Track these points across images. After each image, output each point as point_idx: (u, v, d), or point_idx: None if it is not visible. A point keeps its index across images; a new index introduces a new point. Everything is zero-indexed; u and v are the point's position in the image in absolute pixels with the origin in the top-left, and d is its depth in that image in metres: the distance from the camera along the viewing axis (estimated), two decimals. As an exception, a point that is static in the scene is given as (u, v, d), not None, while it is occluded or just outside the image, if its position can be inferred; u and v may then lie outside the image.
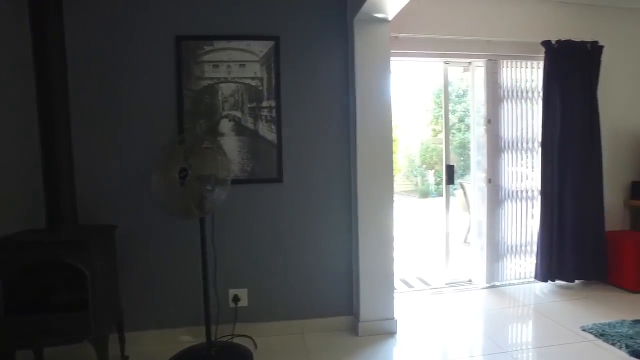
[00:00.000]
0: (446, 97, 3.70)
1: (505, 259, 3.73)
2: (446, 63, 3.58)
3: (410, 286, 3.83)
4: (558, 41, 3.47)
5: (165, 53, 2.66)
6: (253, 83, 2.72)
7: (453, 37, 3.38)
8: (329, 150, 2.89)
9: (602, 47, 3.56)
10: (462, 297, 3.51)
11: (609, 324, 2.81)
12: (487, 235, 3.71)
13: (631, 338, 2.62)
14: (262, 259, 2.83)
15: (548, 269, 3.57)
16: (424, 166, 13.23)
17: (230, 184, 2.33)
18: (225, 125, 2.71)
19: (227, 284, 2.78)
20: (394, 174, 2.93)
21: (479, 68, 3.66)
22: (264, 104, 2.74)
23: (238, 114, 2.72)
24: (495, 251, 3.70)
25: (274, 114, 2.76)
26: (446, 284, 3.74)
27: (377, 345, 2.69)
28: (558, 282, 3.64)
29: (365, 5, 2.43)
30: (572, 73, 3.51)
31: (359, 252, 2.82)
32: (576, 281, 3.64)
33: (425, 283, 3.91)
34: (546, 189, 3.56)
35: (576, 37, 3.52)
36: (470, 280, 3.80)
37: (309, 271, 2.90)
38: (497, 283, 3.70)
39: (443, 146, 3.86)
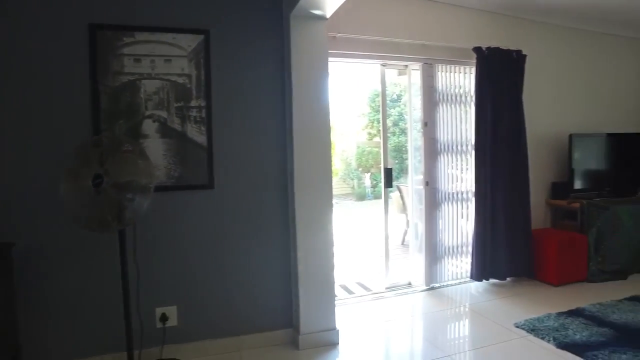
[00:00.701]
0: (383, 100, 3.68)
1: (443, 260, 3.78)
2: (383, 65, 3.56)
3: (350, 292, 3.75)
4: (488, 48, 3.60)
5: (77, 44, 2.33)
6: (180, 80, 2.48)
7: (390, 40, 3.37)
8: (264, 153, 2.71)
9: (525, 56, 3.75)
10: (403, 301, 3.50)
11: (538, 319, 2.92)
12: (425, 238, 3.74)
13: (557, 331, 2.74)
14: (193, 272, 2.58)
15: (482, 269, 3.67)
16: (360, 169, 13.45)
17: (155, 192, 2.08)
18: (149, 127, 2.44)
19: (153, 302, 2.49)
20: (332, 177, 2.83)
21: (415, 71, 3.68)
22: (193, 103, 2.51)
23: (163, 114, 2.46)
24: (434, 253, 3.74)
25: (203, 115, 2.53)
26: (386, 288, 3.71)
27: (319, 358, 2.56)
28: (492, 280, 3.76)
29: (302, 1, 2.30)
30: (500, 79, 3.66)
31: (297, 260, 2.68)
32: (507, 279, 3.79)
33: (366, 288, 3.86)
34: (480, 191, 3.66)
35: (504, 45, 3.67)
36: (409, 283, 3.81)
37: (244, 284, 2.70)
38: (436, 285, 3.74)
39: (381, 149, 3.84)
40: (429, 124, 3.69)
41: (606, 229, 3.83)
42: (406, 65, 3.67)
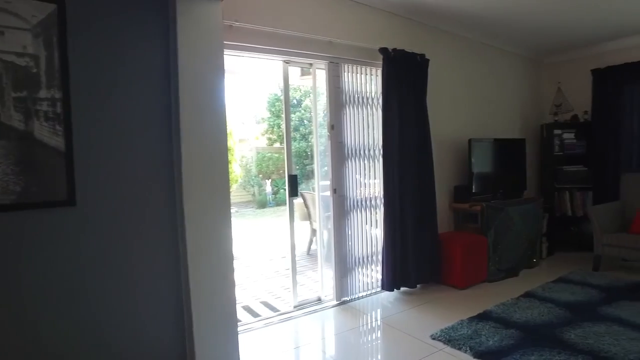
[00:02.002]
0: (287, 100, 3.35)
1: (353, 271, 3.58)
2: (286, 63, 3.24)
3: (255, 315, 3.34)
4: (394, 50, 3.50)
5: None
6: (21, 62, 1.84)
7: (294, 34, 3.06)
8: (145, 159, 2.18)
9: (428, 60, 3.75)
10: (313, 320, 3.20)
11: (452, 328, 2.85)
12: (334, 249, 3.50)
13: (472, 339, 2.68)
14: (51, 315, 1.94)
15: (393, 278, 3.54)
16: (260, 176, 13.02)
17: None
18: (-30, 124, 1.76)
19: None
20: (230, 184, 2.41)
21: (320, 71, 3.43)
22: (43, 94, 1.89)
23: (-6, 106, 1.80)
24: (343, 265, 3.51)
25: (59, 110, 1.92)
26: (295, 307, 3.37)
27: (221, 407, 2.11)
28: (403, 289, 3.66)
29: (190, -30, 1.87)
30: (407, 82, 3.59)
31: (189, 283, 2.20)
32: (417, 286, 3.72)
33: (273, 309, 3.48)
34: (388, 197, 3.54)
35: (408, 48, 3.61)
36: (319, 299, 3.52)
37: (125, 322, 2.13)
38: (347, 298, 3.52)
39: (285, 155, 3.51)
40: (335, 127, 3.47)
41: (501, 230, 4.01)
42: (311, 64, 3.40)
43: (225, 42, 2.38)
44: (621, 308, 3.12)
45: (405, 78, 3.58)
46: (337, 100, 3.45)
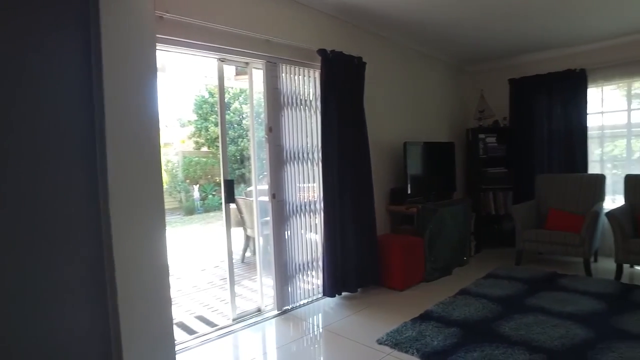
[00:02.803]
0: (222, 100, 3.14)
1: (294, 279, 3.46)
2: (222, 61, 3.04)
3: (192, 332, 3.08)
4: (332, 51, 3.46)
5: None
6: None
7: (230, 30, 2.88)
8: (62, 166, 1.88)
9: (365, 63, 3.76)
10: (254, 333, 3.03)
11: (398, 331, 2.85)
12: (274, 256, 3.35)
13: (417, 340, 2.69)
14: None
15: (334, 283, 3.48)
16: (188, 181, 12.38)
17: None
18: None
19: None
20: (162, 192, 2.18)
21: (257, 70, 3.28)
22: None
23: None
24: (284, 272, 3.38)
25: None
26: (234, 320, 3.17)
27: None
28: (344, 294, 3.62)
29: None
30: (345, 84, 3.57)
31: (118, 308, 1.93)
32: (358, 290, 3.70)
33: (210, 323, 3.24)
34: (328, 201, 3.48)
35: (346, 51, 3.59)
36: (259, 310, 3.36)
37: (41, 354, 1.80)
38: (288, 307, 3.39)
39: (220, 159, 3.29)
40: (274, 129, 3.33)
41: (436, 231, 4.14)
42: (247, 63, 3.24)
43: (157, 35, 2.16)
44: (542, 298, 3.36)
45: (343, 80, 3.55)
46: (275, 101, 3.32)
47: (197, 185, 12.24)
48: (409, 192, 4.27)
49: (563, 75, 4.85)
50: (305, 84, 3.54)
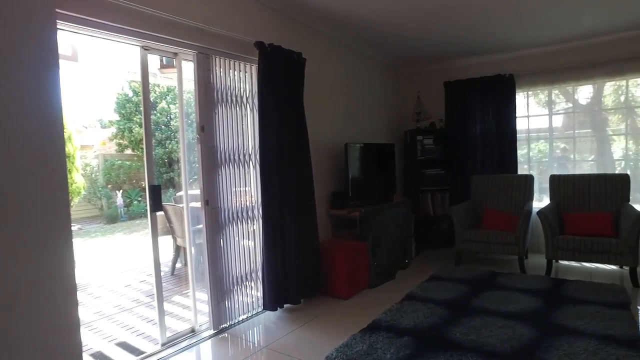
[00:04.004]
0: (146, 95, 2.74)
1: (232, 293, 3.14)
2: (145, 49, 2.66)
3: (111, 363, 2.65)
4: (271, 45, 3.20)
5: None
6: None
7: (155, 13, 2.51)
8: None
9: (305, 59, 3.55)
10: (188, 358, 2.67)
11: (347, 345, 2.65)
12: (208, 269, 3.01)
13: (368, 354, 2.52)
14: None
15: (276, 295, 3.22)
16: (109, 186, 11.34)
17: None
18: None
19: None
20: (70, 198, 1.80)
21: (187, 63, 2.93)
22: None
23: None
24: (220, 287, 3.05)
25: None
26: (163, 344, 2.78)
27: None
28: (286, 306, 3.36)
29: None
30: (284, 81, 3.33)
31: (11, 332, 1.53)
32: (301, 301, 3.46)
33: (134, 350, 2.83)
34: (267, 206, 3.21)
35: (285, 45, 3.35)
36: (193, 330, 3.00)
37: None
38: (226, 324, 3.06)
39: (145, 162, 2.89)
40: (206, 128, 3.00)
41: (379, 234, 4.03)
42: (176, 53, 2.88)
43: (59, 10, 1.78)
44: (485, 299, 3.37)
45: (282, 77, 3.31)
46: (208, 98, 2.99)
47: (121, 191, 11.26)
48: (350, 195, 4.13)
49: (494, 80, 5.02)
50: (241, 79, 3.25)
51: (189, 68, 2.94)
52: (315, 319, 3.19)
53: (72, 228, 1.81)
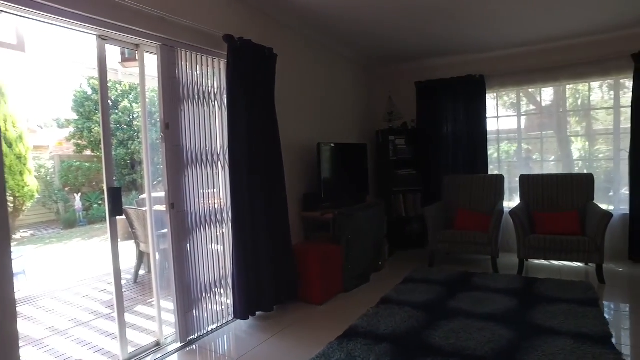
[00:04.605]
0: (104, 88, 2.50)
1: (200, 302, 2.95)
2: (103, 39, 2.44)
3: (65, 384, 2.41)
4: (241, 39, 3.03)
5: None
6: None
7: None
8: None
9: (276, 55, 3.40)
10: (152, 375, 2.47)
11: (324, 355, 2.52)
12: (175, 277, 2.81)
13: (346, 364, 2.41)
14: None
15: (247, 303, 3.05)
16: (67, 189, 10.73)
17: None
18: None
19: None
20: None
21: (150, 55, 2.72)
22: None
23: None
24: (187, 295, 2.86)
25: None
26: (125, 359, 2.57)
27: None
28: (258, 313, 3.20)
29: None
30: (255, 78, 3.17)
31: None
32: (274, 308, 3.31)
33: (91, 368, 2.59)
34: (238, 210, 3.04)
35: (256, 40, 3.19)
36: (158, 344, 2.78)
37: None
38: (194, 336, 2.87)
39: (103, 163, 2.65)
40: (172, 126, 2.80)
41: (353, 237, 3.93)
42: (138, 45, 2.66)
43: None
44: (462, 300, 3.34)
45: (252, 73, 3.15)
46: (173, 93, 2.79)
47: (79, 194, 10.67)
48: (323, 196, 4.01)
49: (465, 81, 5.05)
50: (209, 74, 3.07)
51: (152, 62, 2.73)
52: (290, 326, 3.04)
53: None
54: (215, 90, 3.12)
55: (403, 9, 3.62)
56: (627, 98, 4.46)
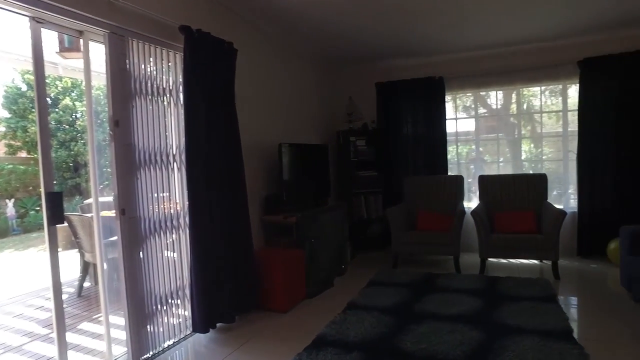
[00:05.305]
0: (40, 84, 2.18)
1: (156, 316, 2.69)
2: (38, 22, 2.14)
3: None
4: (199, 31, 2.82)
5: None
6: None
7: (53, -22, 2.03)
8: None
9: (236, 50, 3.21)
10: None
11: (292, 367, 2.38)
12: (126, 290, 2.55)
13: (316, 375, 2.27)
14: None
15: (206, 314, 2.83)
16: (-2, 195, 9.80)
17: None
18: None
19: None
20: None
21: (97, 45, 2.45)
22: None
23: None
24: (141, 309, 2.60)
25: None
26: (67, 386, 2.27)
27: None
28: (219, 324, 2.98)
29: None
30: (214, 72, 2.96)
31: None
32: (236, 318, 3.10)
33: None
34: (195, 214, 2.81)
35: (215, 33, 2.99)
36: (106, 365, 2.51)
37: None
38: (149, 355, 2.61)
39: (40, 164, 2.34)
40: (122, 123, 2.54)
41: (316, 240, 3.81)
42: (81, 32, 2.38)
43: None
44: (429, 302, 3.30)
45: (211, 68, 2.95)
46: (124, 87, 2.53)
47: (12, 200, 9.77)
48: (285, 199, 3.85)
49: (425, 82, 5.09)
50: (164, 68, 2.83)
51: (99, 53, 2.46)
52: (253, 338, 2.86)
53: None
54: (171, 86, 2.88)
55: (364, 9, 3.56)
56: (575, 102, 4.68)
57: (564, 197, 4.91)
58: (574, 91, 4.74)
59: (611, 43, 4.40)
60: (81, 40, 2.40)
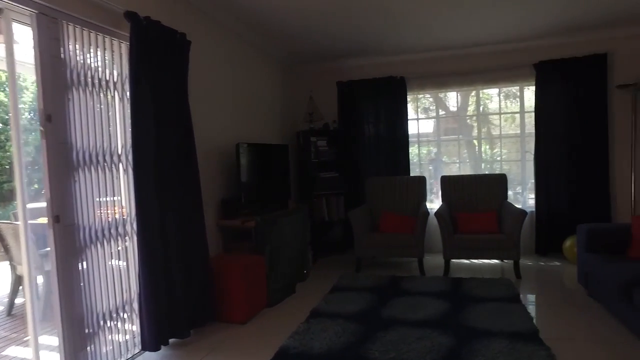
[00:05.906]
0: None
1: (98, 336, 2.39)
2: (-49, -1, 1.83)
3: None
4: (147, 18, 2.56)
5: None
6: None
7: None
8: None
9: (190, 42, 2.96)
10: None
11: (253, 385, 2.17)
12: (61, 307, 2.24)
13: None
14: None
15: (158, 330, 2.56)
16: None
17: None
18: None
19: None
20: None
21: (22, 26, 2.14)
22: None
23: None
24: (79, 328, 2.30)
25: None
26: None
27: None
28: (172, 340, 2.72)
29: None
30: (165, 66, 2.71)
31: None
32: (191, 332, 2.85)
33: None
34: (144, 220, 2.54)
35: (166, 22, 2.73)
36: (37, 395, 2.18)
37: None
38: (89, 380, 2.31)
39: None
40: (55, 119, 2.24)
41: (276, 245, 3.61)
42: (1, 9, 2.07)
43: None
44: (394, 307, 3.20)
45: (161, 60, 2.69)
46: (58, 77, 2.23)
47: None
48: (243, 202, 3.63)
49: (386, 82, 5.03)
50: (108, 59, 2.54)
51: (26, 33, 2.15)
52: (211, 353, 2.62)
53: None
54: (115, 79, 2.59)
55: (327, 6, 3.43)
56: (531, 103, 4.78)
57: (522, 196, 5.01)
58: (530, 93, 4.85)
59: (565, 47, 4.54)
60: (1, 21, 2.08)
